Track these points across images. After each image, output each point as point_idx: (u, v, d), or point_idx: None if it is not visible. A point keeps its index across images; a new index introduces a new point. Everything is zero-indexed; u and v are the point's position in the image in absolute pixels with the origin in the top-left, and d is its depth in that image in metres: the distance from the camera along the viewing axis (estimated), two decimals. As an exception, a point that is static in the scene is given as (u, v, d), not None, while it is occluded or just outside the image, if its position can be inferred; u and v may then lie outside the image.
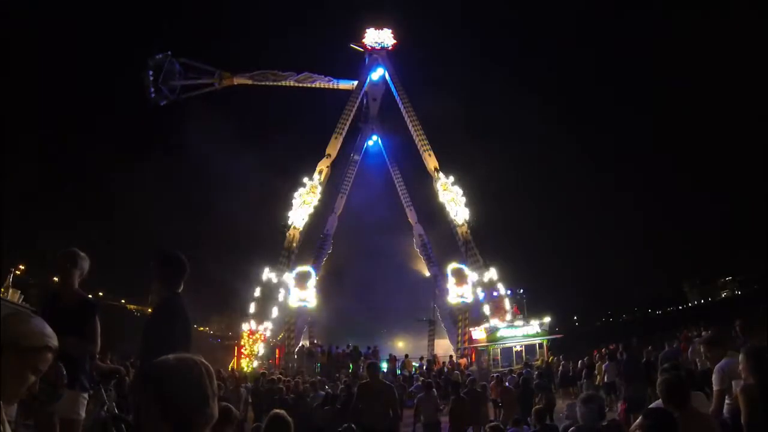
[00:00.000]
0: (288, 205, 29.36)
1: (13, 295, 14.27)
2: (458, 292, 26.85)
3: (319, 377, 17.56)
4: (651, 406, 3.72)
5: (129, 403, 4.05)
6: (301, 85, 33.32)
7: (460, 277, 27.06)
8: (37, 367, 1.60)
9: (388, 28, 33.70)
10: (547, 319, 24.74)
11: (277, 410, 4.16)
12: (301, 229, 29.12)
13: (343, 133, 31.76)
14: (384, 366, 23.77)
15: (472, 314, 27.11)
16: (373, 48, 33.30)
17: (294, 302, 26.42)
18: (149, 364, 1.47)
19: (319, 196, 29.91)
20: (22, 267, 30.64)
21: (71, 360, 3.54)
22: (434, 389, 10.30)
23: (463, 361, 24.55)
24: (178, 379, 1.38)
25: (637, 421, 2.97)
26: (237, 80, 33.23)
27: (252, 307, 26.35)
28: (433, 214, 31.65)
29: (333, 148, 31.33)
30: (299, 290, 26.41)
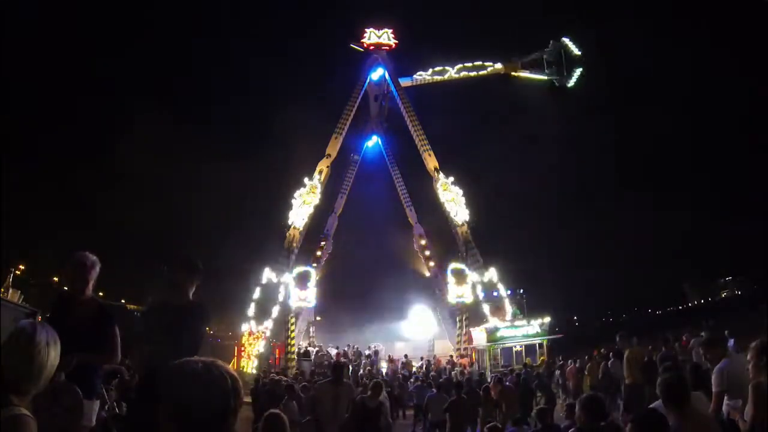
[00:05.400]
0: (288, 205, 29.39)
1: (13, 295, 14.31)
2: (458, 292, 26.85)
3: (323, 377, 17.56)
4: (650, 406, 3.72)
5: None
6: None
7: (460, 277, 27.06)
8: None
9: (388, 28, 33.74)
10: (547, 319, 24.75)
11: (273, 410, 4.17)
12: (301, 229, 29.13)
13: (343, 133, 31.78)
14: (384, 366, 23.84)
15: (472, 314, 27.12)
16: (373, 48, 33.34)
17: (294, 302, 26.43)
18: (174, 365, 1.39)
19: (319, 196, 29.93)
20: (22, 267, 30.64)
21: (87, 368, 3.52)
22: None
23: (464, 361, 24.56)
24: (200, 388, 1.30)
25: (628, 425, 2.96)
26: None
27: (252, 308, 26.37)
28: (433, 214, 31.69)
29: (333, 148, 31.35)
30: (299, 290, 26.42)
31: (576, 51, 33.86)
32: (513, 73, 34.80)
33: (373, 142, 34.92)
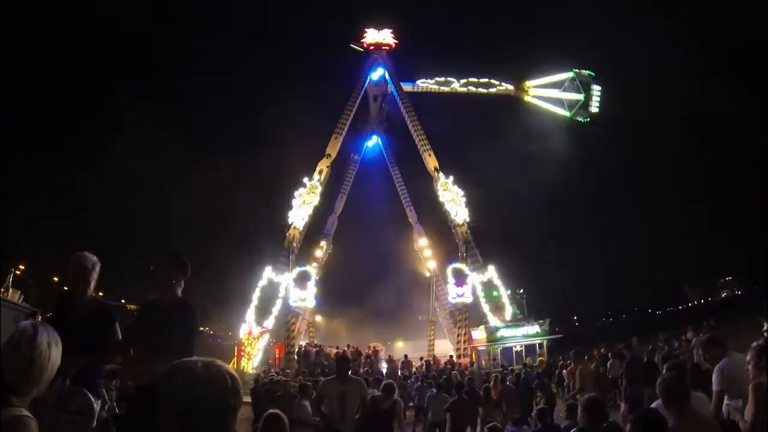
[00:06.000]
0: (288, 205, 29.41)
1: (13, 295, 14.28)
2: (458, 292, 26.86)
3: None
4: (650, 406, 3.71)
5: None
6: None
7: (460, 277, 27.07)
8: None
9: (388, 28, 33.76)
10: (547, 319, 24.78)
11: (273, 410, 4.16)
12: (301, 229, 29.15)
13: (343, 133, 31.81)
14: (384, 366, 23.83)
15: (472, 314, 27.14)
16: (373, 48, 33.36)
17: (294, 302, 26.44)
18: (173, 365, 1.39)
19: (318, 196, 29.94)
20: (22, 267, 30.65)
21: (88, 368, 3.51)
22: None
23: (464, 361, 24.56)
24: (200, 388, 1.30)
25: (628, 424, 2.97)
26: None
27: (252, 307, 26.38)
28: (433, 214, 31.71)
29: (333, 148, 31.36)
30: (299, 290, 26.43)
31: (594, 107, 33.50)
32: (524, 99, 34.80)
33: (373, 142, 34.94)
